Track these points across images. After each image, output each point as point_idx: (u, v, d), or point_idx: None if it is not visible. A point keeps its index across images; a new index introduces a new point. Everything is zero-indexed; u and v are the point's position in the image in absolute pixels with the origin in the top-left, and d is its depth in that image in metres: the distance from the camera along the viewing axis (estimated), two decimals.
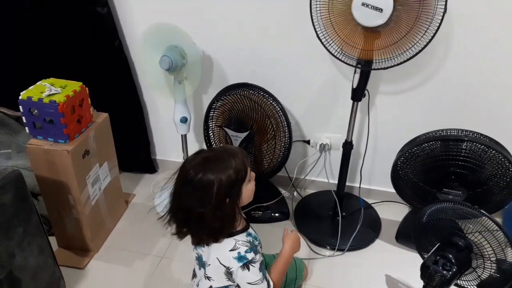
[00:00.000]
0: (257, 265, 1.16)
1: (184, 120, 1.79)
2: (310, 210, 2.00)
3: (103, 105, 1.80)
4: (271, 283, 1.21)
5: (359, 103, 1.66)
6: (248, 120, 1.73)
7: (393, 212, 1.96)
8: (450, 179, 1.56)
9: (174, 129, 1.86)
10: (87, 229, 1.70)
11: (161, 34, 1.65)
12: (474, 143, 1.50)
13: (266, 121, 1.74)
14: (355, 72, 1.54)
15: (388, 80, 1.76)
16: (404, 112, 1.81)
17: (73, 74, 1.68)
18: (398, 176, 1.70)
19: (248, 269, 1.14)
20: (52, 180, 1.58)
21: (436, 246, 1.33)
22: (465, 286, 1.39)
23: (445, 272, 1.25)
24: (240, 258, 1.14)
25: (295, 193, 2.10)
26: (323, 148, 1.98)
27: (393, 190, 1.81)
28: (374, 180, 2.05)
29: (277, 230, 1.70)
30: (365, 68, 1.50)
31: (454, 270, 1.25)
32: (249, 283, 1.16)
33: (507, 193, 1.55)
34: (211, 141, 1.87)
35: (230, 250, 1.14)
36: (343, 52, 1.50)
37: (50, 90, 1.50)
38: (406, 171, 1.67)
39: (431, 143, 1.56)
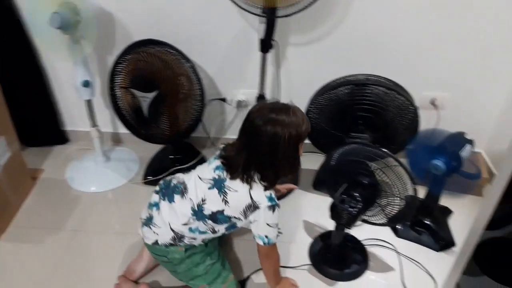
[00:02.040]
0: (278, 213, 1.24)
1: (86, 83, 1.67)
2: None
3: None
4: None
5: (271, 55, 1.65)
6: (156, 79, 1.65)
7: (310, 162, 2.01)
8: (357, 124, 1.62)
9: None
10: None
11: None
12: (377, 87, 1.56)
13: (176, 79, 1.67)
14: (260, 22, 1.52)
15: (296, 31, 1.76)
16: (315, 61, 1.83)
17: None
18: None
19: (273, 211, 1.23)
20: None
21: (343, 187, 1.38)
22: (376, 222, 1.48)
23: (350, 209, 1.31)
24: (271, 198, 1.22)
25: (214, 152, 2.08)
26: (240, 104, 1.96)
27: (308, 141, 1.86)
28: None
29: None
30: (269, 16, 1.47)
31: (360, 206, 1.32)
32: (268, 224, 1.24)
33: (409, 132, 1.65)
34: (119, 104, 1.77)
35: (265, 190, 1.22)
36: (247, 1, 1.46)
37: None
38: (317, 119, 1.70)
39: (338, 89, 1.60)
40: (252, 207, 1.22)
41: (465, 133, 1.56)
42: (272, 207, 1.22)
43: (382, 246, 1.63)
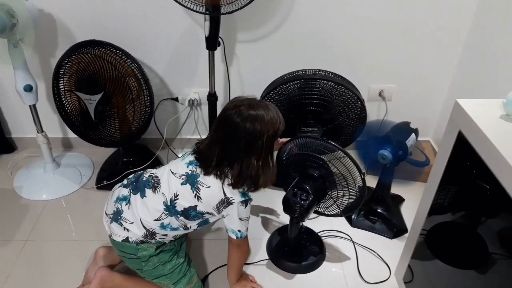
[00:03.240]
0: (250, 207, 1.28)
1: (28, 88, 1.60)
2: None
3: None
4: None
5: (219, 53, 1.64)
6: (101, 81, 1.61)
7: None
8: (308, 118, 1.65)
9: None
10: None
11: None
12: (324, 81, 1.59)
13: (122, 80, 1.63)
14: (205, 20, 1.51)
15: (244, 29, 1.76)
16: (264, 58, 1.84)
17: None
18: None
19: (246, 206, 1.25)
20: None
21: (295, 181, 1.40)
22: (329, 213, 1.50)
23: (302, 202, 1.33)
24: (244, 194, 1.23)
25: (169, 153, 2.06)
26: (192, 103, 1.95)
27: None
28: None
29: None
30: (213, 14, 1.46)
31: (311, 199, 1.34)
32: (240, 218, 1.26)
33: (357, 124, 1.69)
34: (66, 108, 1.71)
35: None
36: None
37: None
38: None
39: (288, 84, 1.62)
40: (226, 202, 1.22)
41: (409, 122, 1.62)
42: (245, 202, 1.23)
43: (338, 236, 1.66)
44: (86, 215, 1.72)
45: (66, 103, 1.68)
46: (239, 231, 1.27)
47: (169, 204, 1.23)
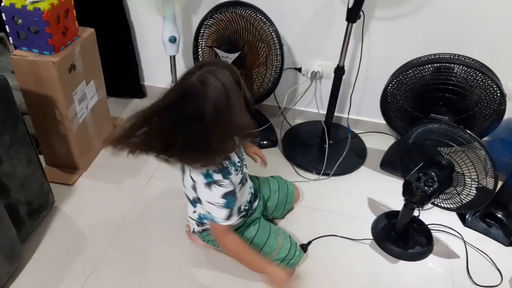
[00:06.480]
0: (222, 189, 1.16)
1: (173, 39, 1.74)
2: (297, 138, 2.02)
3: (87, 22, 1.72)
4: (234, 219, 1.21)
5: (353, 29, 1.63)
6: (240, 40, 1.69)
7: (379, 142, 1.99)
8: (439, 105, 1.58)
9: (162, 53, 1.81)
10: (74, 146, 1.69)
11: None
12: (464, 67, 1.50)
13: (258, 44, 1.70)
14: None
15: (383, 5, 1.71)
16: (397, 38, 1.78)
17: None
18: (387, 101, 1.70)
19: (210, 188, 1.16)
20: (38, 94, 1.54)
21: (420, 165, 1.36)
22: (446, 206, 1.44)
23: (426, 188, 1.29)
24: (207, 175, 1.15)
25: (283, 122, 2.10)
26: (314, 76, 1.96)
27: (381, 121, 1.83)
28: (363, 111, 2.05)
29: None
30: None
31: (435, 186, 1.29)
32: (209, 202, 1.18)
33: (493, 119, 1.58)
34: None
35: (202, 165, 1.15)
36: None
37: None
38: (396, 96, 1.67)
39: (422, 67, 1.56)
40: (193, 187, 1.19)
41: None
42: (208, 184, 1.15)
43: (448, 233, 1.59)
44: None
45: (202, 56, 1.80)
46: (209, 213, 1.21)
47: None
